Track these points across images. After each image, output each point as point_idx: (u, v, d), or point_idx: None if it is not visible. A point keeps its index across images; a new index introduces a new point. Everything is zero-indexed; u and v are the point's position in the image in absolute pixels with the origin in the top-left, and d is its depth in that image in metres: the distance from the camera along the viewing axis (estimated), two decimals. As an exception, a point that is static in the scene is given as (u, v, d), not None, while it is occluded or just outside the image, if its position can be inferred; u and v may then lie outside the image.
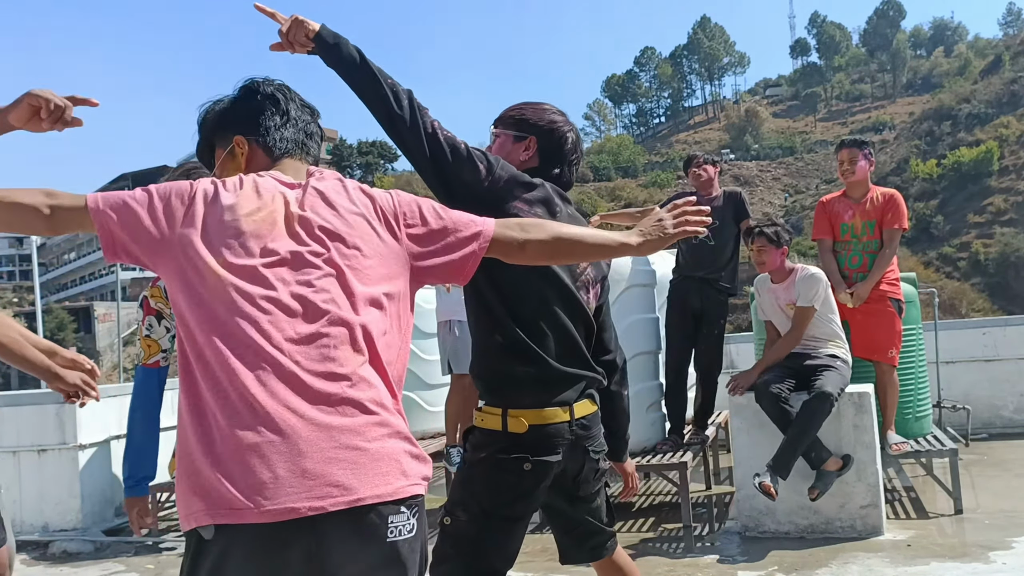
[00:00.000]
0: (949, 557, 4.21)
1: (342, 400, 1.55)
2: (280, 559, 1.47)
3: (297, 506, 1.45)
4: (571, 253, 1.99)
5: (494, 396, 2.41)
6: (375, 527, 1.51)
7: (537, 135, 2.53)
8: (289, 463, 1.47)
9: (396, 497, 1.54)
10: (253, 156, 1.90)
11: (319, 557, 1.48)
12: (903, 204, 5.65)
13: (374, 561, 1.52)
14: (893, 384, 5.35)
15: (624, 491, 2.90)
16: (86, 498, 6.08)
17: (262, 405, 1.51)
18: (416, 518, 1.58)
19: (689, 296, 5.73)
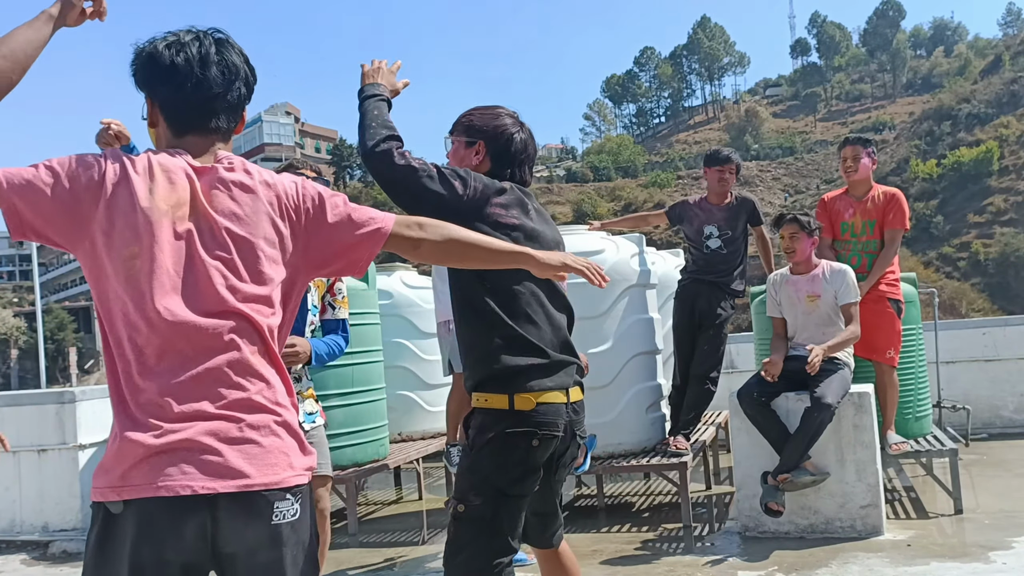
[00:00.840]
0: (949, 557, 4.21)
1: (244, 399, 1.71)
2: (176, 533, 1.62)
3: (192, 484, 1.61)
4: (464, 257, 2.07)
5: (499, 385, 2.49)
6: (260, 509, 1.66)
7: (485, 139, 2.66)
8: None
9: (281, 486, 1.69)
10: (158, 118, 1.84)
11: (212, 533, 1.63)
12: (905, 204, 5.63)
13: (258, 540, 1.66)
14: (893, 384, 5.35)
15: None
16: (86, 498, 6.08)
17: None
18: (299, 504, 1.72)
19: (697, 299, 5.70)
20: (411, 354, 6.83)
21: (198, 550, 1.62)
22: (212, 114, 1.82)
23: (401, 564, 4.90)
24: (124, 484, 1.61)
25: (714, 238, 5.70)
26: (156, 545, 1.60)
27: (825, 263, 5.05)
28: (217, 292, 1.70)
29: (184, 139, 1.81)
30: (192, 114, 1.81)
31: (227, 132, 1.87)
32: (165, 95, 1.80)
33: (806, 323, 4.98)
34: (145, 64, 1.79)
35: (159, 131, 1.83)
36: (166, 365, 1.65)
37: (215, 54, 1.80)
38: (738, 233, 5.73)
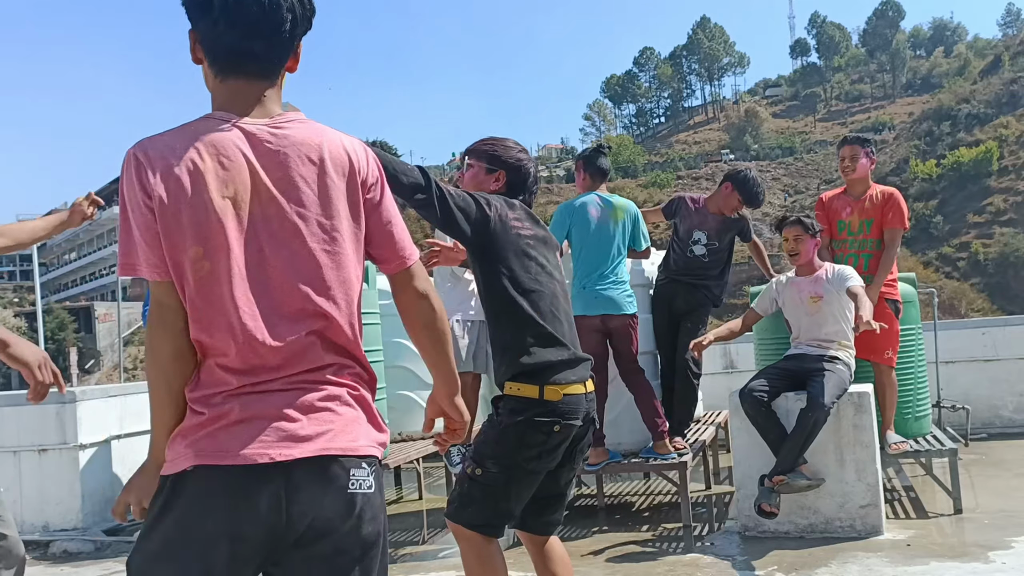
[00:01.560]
0: (949, 557, 4.22)
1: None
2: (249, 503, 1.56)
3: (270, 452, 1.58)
4: (421, 342, 1.99)
5: (530, 378, 2.75)
6: (336, 476, 1.61)
7: (507, 170, 2.98)
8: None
9: (358, 453, 1.65)
10: (201, 58, 1.68)
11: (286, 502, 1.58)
12: (903, 203, 5.61)
13: (333, 510, 1.61)
14: (892, 384, 5.35)
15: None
16: (86, 498, 6.08)
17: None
18: (374, 477, 1.68)
19: (675, 298, 5.63)
20: (411, 354, 6.83)
21: (271, 524, 1.57)
22: (251, 52, 1.64)
23: (401, 564, 4.91)
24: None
25: (700, 245, 5.64)
26: (226, 515, 1.56)
27: (828, 265, 5.06)
28: (295, 290, 1.64)
29: (227, 83, 1.66)
30: (229, 52, 1.64)
31: (273, 72, 1.68)
32: (202, 26, 1.64)
33: (809, 324, 4.99)
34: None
35: (204, 70, 1.69)
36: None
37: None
38: (723, 246, 5.68)
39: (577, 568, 4.52)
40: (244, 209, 1.61)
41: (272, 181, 1.63)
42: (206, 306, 1.60)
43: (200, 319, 1.61)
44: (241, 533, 1.56)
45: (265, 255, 1.63)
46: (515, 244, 2.78)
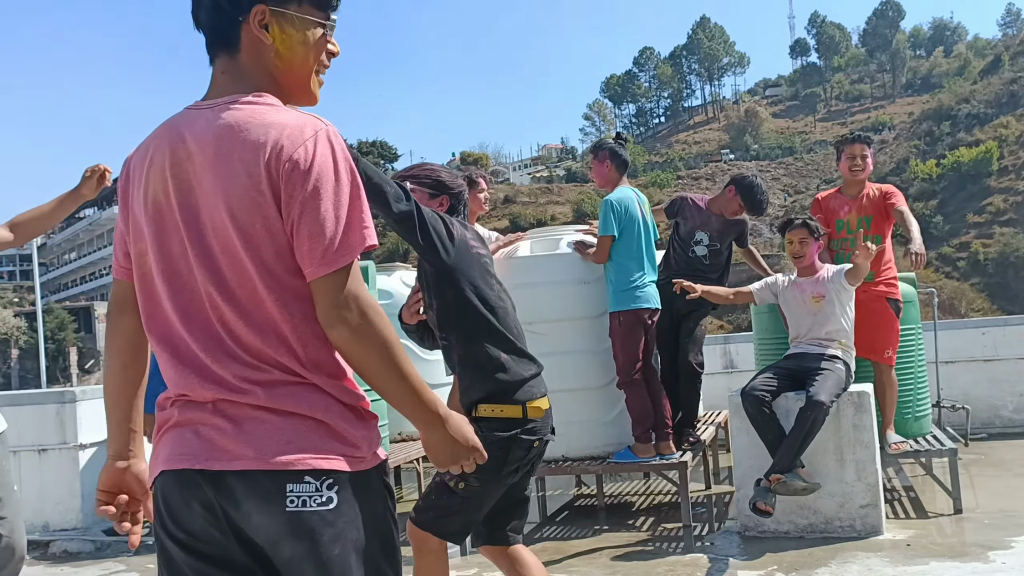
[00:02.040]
0: (949, 557, 4.22)
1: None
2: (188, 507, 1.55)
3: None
4: (364, 369, 1.83)
5: (509, 396, 2.81)
6: (268, 493, 1.49)
7: (450, 196, 3.09)
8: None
9: (286, 468, 1.49)
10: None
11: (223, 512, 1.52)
12: (900, 193, 5.65)
13: (274, 527, 1.50)
14: (892, 384, 5.35)
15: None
16: (86, 498, 6.09)
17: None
18: (335, 492, 1.51)
19: (675, 299, 5.63)
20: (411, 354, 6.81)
21: (209, 532, 1.53)
22: (196, 22, 1.65)
23: (401, 564, 4.90)
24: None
25: (702, 245, 5.69)
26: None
27: (827, 266, 5.08)
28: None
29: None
30: (208, 24, 1.65)
31: (214, 45, 1.63)
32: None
33: (811, 324, 4.99)
34: None
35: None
36: None
37: None
38: (724, 247, 5.73)
39: (577, 568, 4.53)
40: (163, 205, 1.59)
41: (190, 174, 1.55)
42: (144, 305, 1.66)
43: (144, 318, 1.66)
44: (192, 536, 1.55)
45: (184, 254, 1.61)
46: (477, 263, 2.87)
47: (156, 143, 1.61)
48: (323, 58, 1.68)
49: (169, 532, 1.57)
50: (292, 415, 1.52)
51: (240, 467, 1.49)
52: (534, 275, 5.60)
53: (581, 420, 5.45)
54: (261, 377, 1.52)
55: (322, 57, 1.68)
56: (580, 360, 5.49)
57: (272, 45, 1.61)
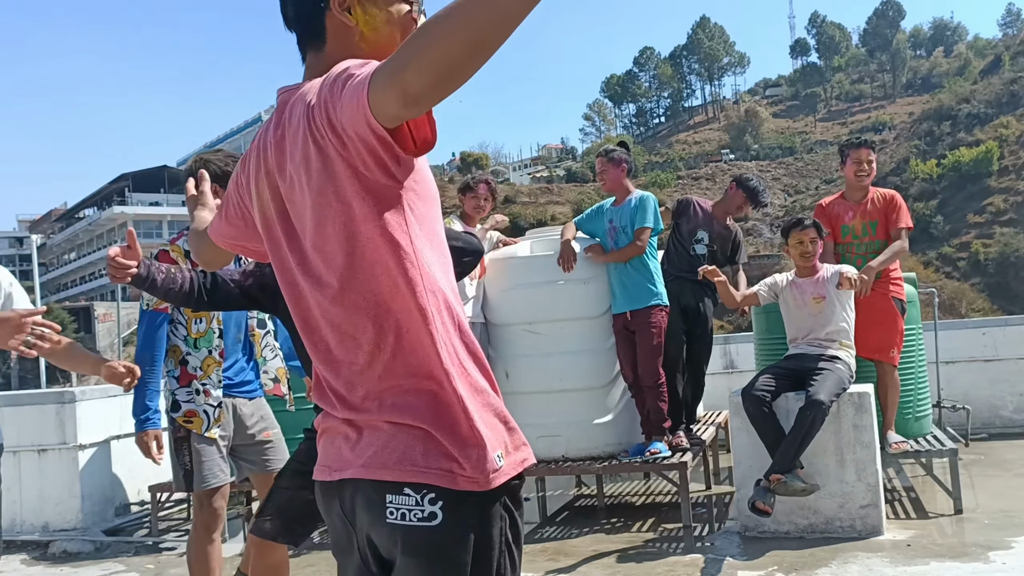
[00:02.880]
0: (949, 557, 4.21)
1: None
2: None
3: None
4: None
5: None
6: (373, 503, 1.45)
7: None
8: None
9: (385, 479, 1.43)
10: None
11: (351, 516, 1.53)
12: (904, 204, 5.61)
13: (384, 539, 1.46)
14: (894, 384, 5.35)
15: None
16: (86, 498, 6.08)
17: None
18: (440, 508, 1.41)
19: (683, 294, 5.73)
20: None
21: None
22: (286, 20, 1.60)
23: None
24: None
25: (702, 245, 5.84)
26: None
27: (826, 266, 5.08)
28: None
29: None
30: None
31: (302, 38, 1.58)
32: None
33: (812, 325, 4.99)
34: None
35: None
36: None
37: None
38: (720, 254, 5.92)
39: (577, 568, 4.53)
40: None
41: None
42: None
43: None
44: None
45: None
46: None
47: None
48: None
49: (330, 541, 1.63)
50: (403, 426, 1.44)
51: (350, 475, 1.47)
52: (534, 275, 5.61)
53: (581, 420, 5.45)
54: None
55: None
56: (580, 360, 5.49)
57: (356, 28, 1.52)
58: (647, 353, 5.27)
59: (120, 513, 6.39)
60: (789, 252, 5.21)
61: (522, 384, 5.54)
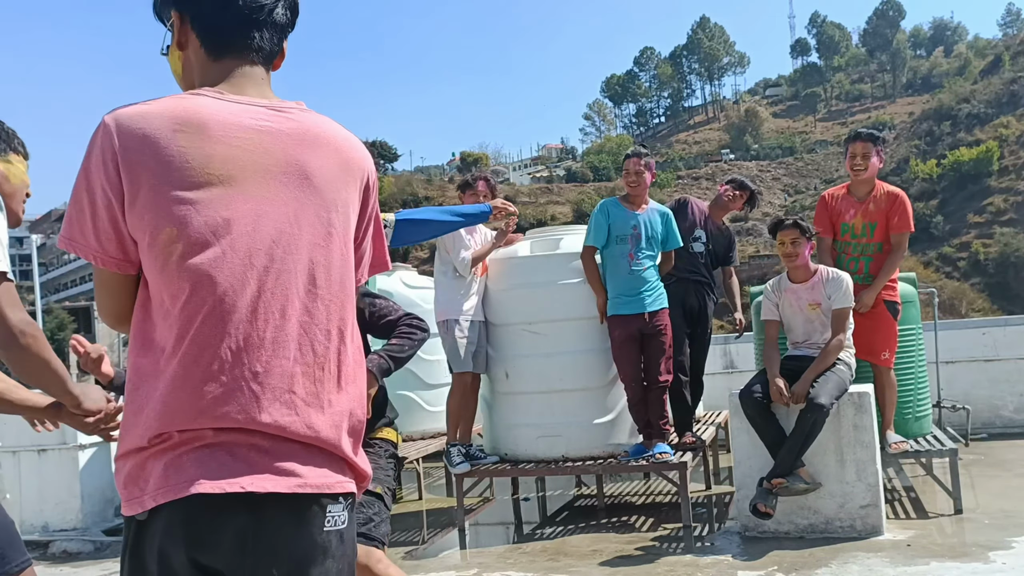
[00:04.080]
0: (949, 557, 4.21)
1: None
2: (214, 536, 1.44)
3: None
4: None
5: (392, 423, 3.38)
6: (315, 515, 1.48)
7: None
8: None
9: (335, 491, 1.51)
10: (187, 40, 1.60)
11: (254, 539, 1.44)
12: (909, 205, 5.49)
13: (307, 549, 1.48)
14: (891, 384, 5.34)
15: None
16: (86, 498, 6.08)
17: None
18: (348, 511, 1.55)
19: (687, 296, 5.79)
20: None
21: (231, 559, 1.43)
22: (256, 28, 1.59)
23: (401, 564, 4.90)
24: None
25: (699, 243, 5.92)
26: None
27: (823, 269, 5.02)
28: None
29: (222, 62, 1.58)
30: (234, 27, 1.58)
31: (269, 57, 1.63)
32: (212, 9, 1.57)
33: (809, 330, 4.98)
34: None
35: (188, 55, 1.61)
36: None
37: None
38: (715, 255, 6.04)
39: (577, 568, 4.52)
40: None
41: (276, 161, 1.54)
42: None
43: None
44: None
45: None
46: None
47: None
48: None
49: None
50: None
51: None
52: (534, 275, 5.61)
53: (581, 420, 5.45)
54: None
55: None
56: (580, 360, 5.49)
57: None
58: (663, 353, 5.33)
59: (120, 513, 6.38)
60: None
61: (522, 384, 5.54)
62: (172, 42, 1.62)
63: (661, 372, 5.31)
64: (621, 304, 5.35)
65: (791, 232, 4.95)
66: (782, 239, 5.01)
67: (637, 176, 5.49)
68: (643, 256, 5.36)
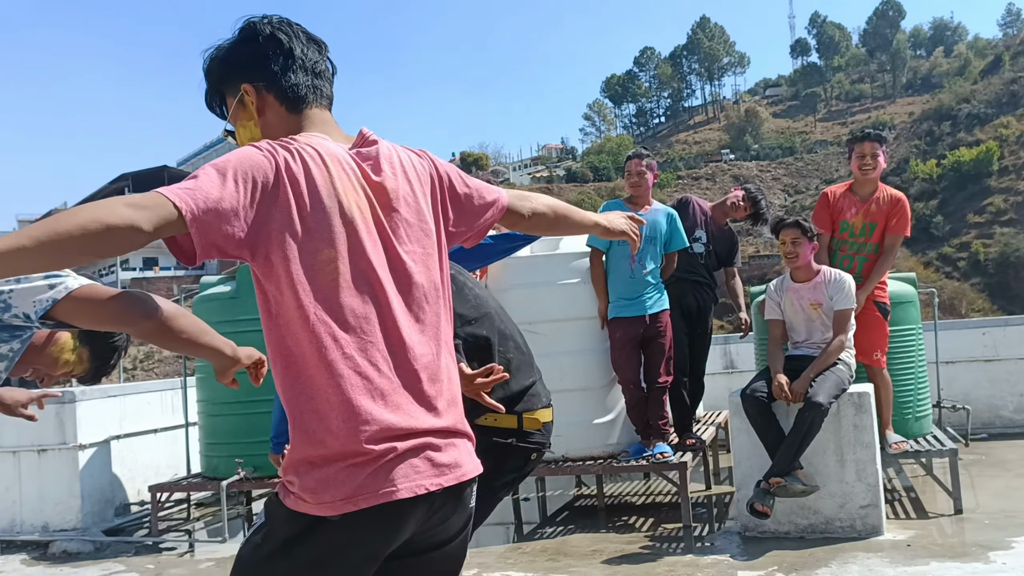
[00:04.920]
0: (949, 557, 4.21)
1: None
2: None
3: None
4: (557, 225, 2.11)
5: (510, 406, 2.77)
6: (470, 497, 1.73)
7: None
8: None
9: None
10: (265, 106, 1.74)
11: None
12: (908, 210, 5.51)
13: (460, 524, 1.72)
14: (885, 384, 5.33)
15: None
16: (86, 498, 6.08)
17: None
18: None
19: (685, 296, 5.77)
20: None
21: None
22: (327, 81, 1.79)
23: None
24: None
25: (699, 243, 5.91)
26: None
27: (826, 270, 5.03)
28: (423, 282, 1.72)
29: (305, 114, 1.74)
30: (307, 88, 1.74)
31: (331, 102, 1.82)
32: (278, 70, 1.72)
33: (810, 330, 4.98)
34: (262, 45, 1.72)
35: (268, 118, 1.74)
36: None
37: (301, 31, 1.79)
38: (715, 256, 6.00)
39: (577, 568, 4.52)
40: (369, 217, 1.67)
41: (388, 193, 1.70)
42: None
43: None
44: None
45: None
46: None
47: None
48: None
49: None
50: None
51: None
52: (534, 275, 5.61)
53: (581, 420, 5.45)
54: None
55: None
56: (580, 360, 5.49)
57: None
58: (663, 354, 5.34)
59: (120, 513, 6.39)
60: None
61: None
62: (247, 112, 1.75)
63: (660, 373, 5.31)
64: (622, 307, 5.35)
65: (792, 231, 4.96)
66: (783, 238, 5.02)
67: (639, 177, 5.50)
68: (645, 258, 5.35)
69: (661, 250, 5.47)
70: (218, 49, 1.76)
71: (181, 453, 6.82)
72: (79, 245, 1.34)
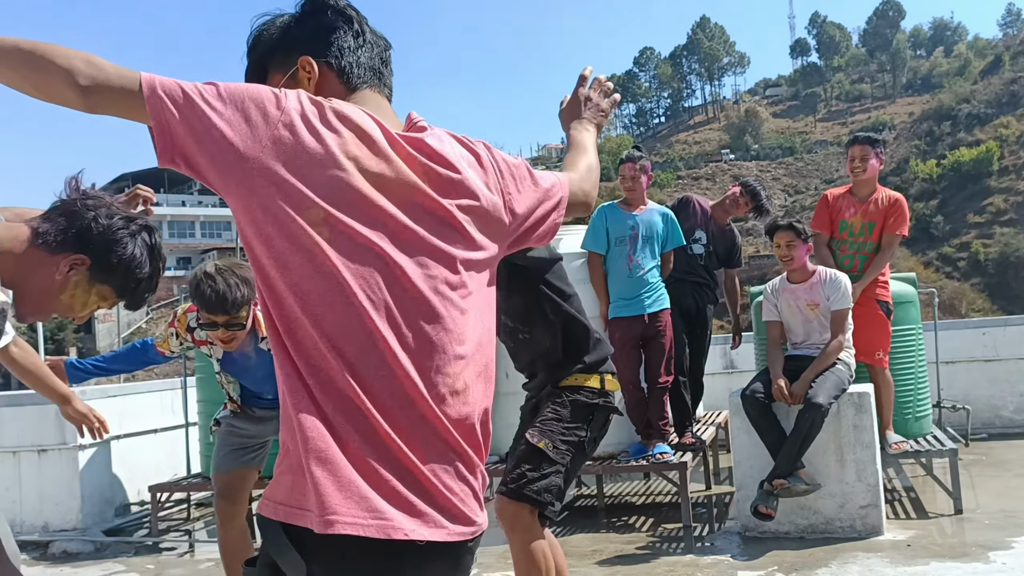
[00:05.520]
0: (949, 557, 4.21)
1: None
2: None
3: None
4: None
5: (590, 369, 3.09)
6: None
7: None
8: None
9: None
10: (324, 83, 1.55)
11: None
12: (907, 210, 5.59)
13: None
14: (887, 384, 5.33)
15: None
16: (86, 498, 6.08)
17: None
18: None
19: (684, 297, 5.77)
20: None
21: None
22: (384, 63, 1.64)
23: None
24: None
25: (699, 244, 5.91)
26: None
27: (822, 270, 5.03)
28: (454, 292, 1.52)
29: (359, 93, 1.57)
30: (368, 68, 1.60)
31: (391, 91, 1.66)
32: (346, 46, 1.57)
33: (808, 330, 4.98)
34: (330, 18, 1.57)
35: (326, 95, 1.54)
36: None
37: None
38: (715, 257, 6.01)
39: (577, 568, 4.52)
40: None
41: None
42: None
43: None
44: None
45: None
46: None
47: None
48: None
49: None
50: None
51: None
52: (534, 275, 5.60)
53: (581, 420, 5.44)
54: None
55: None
56: (580, 360, 5.48)
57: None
58: (663, 354, 5.34)
59: (120, 513, 6.39)
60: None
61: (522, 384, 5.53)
62: (296, 79, 1.55)
63: (661, 373, 5.31)
64: (621, 307, 5.35)
65: (786, 234, 4.98)
66: (777, 241, 5.05)
67: (633, 181, 5.52)
68: (643, 257, 5.35)
69: (658, 249, 5.47)
70: (276, 18, 1.60)
71: (181, 453, 6.82)
72: (17, 62, 1.30)
